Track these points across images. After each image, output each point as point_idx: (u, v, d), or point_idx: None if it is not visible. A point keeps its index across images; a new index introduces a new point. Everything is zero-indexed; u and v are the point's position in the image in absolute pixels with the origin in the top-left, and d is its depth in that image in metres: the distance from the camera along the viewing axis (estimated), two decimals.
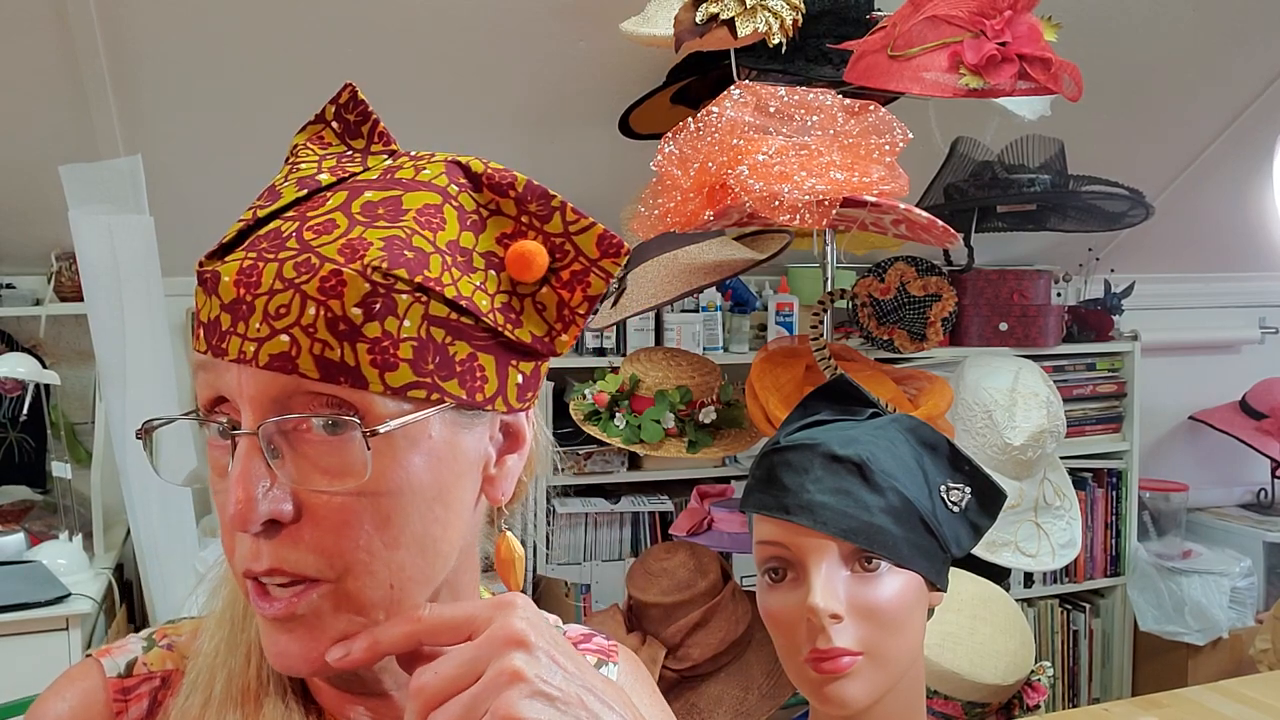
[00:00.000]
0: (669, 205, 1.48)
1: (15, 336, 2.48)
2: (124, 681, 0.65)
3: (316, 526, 0.55)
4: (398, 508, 0.56)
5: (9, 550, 2.15)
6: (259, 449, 0.54)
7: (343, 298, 0.53)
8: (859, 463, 0.98)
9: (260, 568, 0.55)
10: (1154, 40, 2.49)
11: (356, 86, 0.62)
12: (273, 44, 2.08)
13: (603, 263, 0.60)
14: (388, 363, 0.54)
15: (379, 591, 0.57)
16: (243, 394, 0.54)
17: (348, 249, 0.54)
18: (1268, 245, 3.20)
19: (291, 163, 0.61)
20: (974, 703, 1.54)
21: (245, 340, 0.53)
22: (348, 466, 0.54)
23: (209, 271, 0.55)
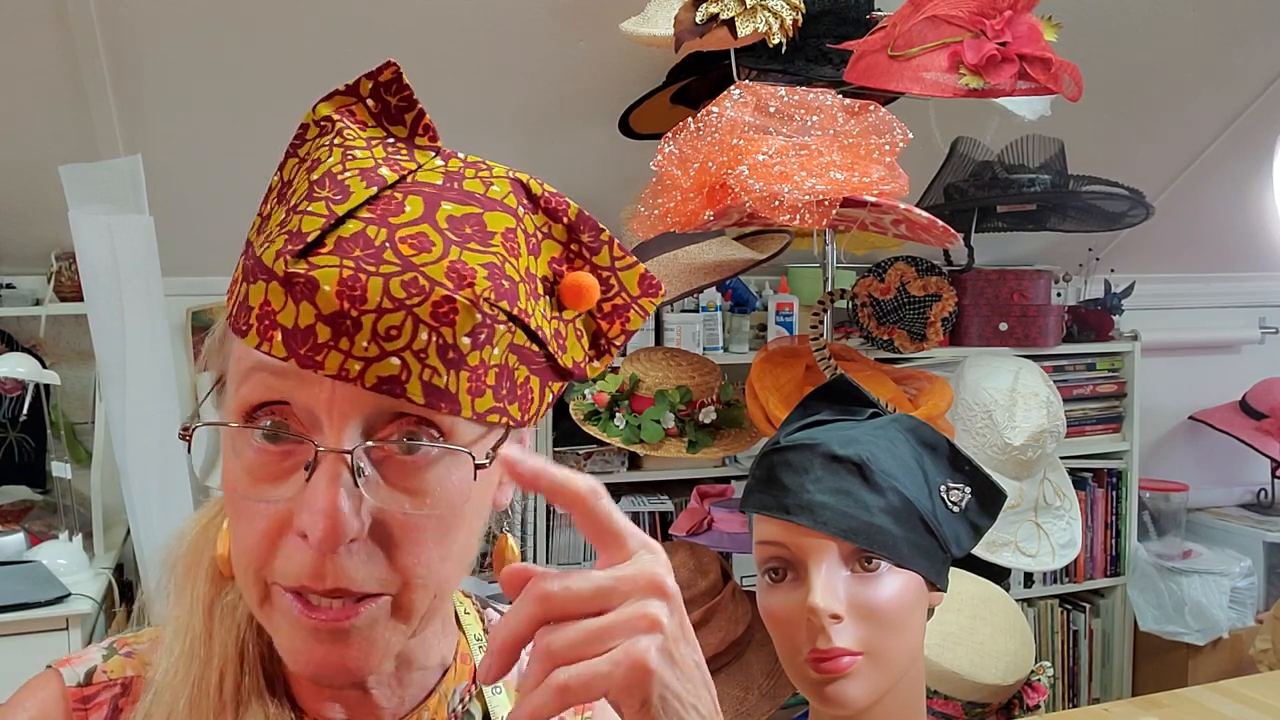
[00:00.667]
0: (669, 205, 1.48)
1: (15, 336, 2.48)
2: (84, 690, 0.65)
3: (385, 542, 0.55)
4: (456, 524, 0.57)
5: (9, 550, 2.15)
6: (348, 468, 0.53)
7: (455, 326, 0.52)
8: (859, 463, 0.98)
9: (323, 586, 0.54)
10: (1154, 40, 2.49)
11: (401, 68, 0.58)
12: (273, 44, 2.08)
13: (642, 300, 0.61)
14: (479, 389, 0.54)
15: (426, 601, 0.57)
16: (334, 410, 0.53)
17: (454, 274, 0.53)
18: (1268, 245, 3.20)
19: (340, 145, 0.56)
20: (974, 703, 1.54)
21: (350, 358, 0.51)
22: (426, 488, 0.55)
23: (301, 275, 0.52)
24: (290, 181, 0.58)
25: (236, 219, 0.61)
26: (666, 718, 0.51)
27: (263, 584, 0.56)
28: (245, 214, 0.59)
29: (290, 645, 0.57)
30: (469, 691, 0.70)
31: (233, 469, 0.57)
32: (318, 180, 0.55)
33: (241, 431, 0.56)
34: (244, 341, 0.54)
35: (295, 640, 0.56)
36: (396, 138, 0.58)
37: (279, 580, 0.55)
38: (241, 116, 2.20)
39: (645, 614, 0.50)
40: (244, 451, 0.56)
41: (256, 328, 0.53)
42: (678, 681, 0.51)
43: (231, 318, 0.56)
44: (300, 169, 0.57)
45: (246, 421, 0.55)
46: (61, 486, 2.24)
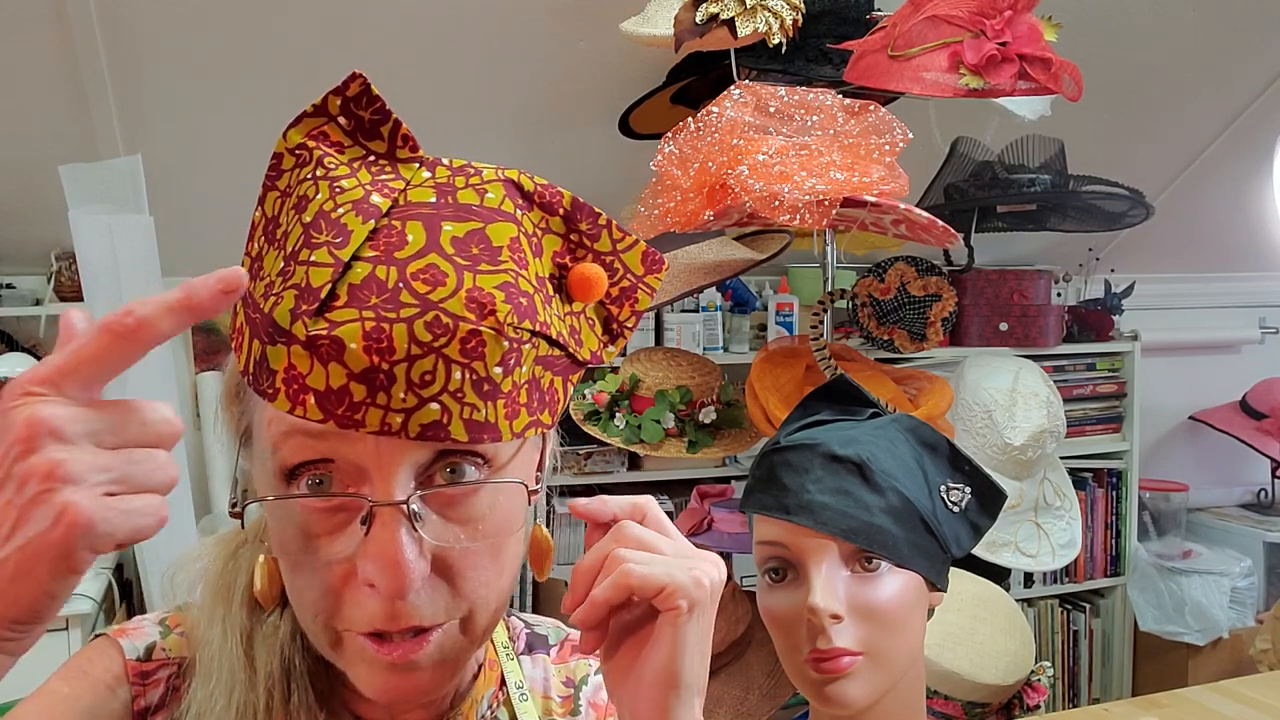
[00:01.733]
0: (669, 205, 1.48)
1: (15, 336, 2.48)
2: (143, 665, 0.65)
3: (448, 574, 0.56)
4: (507, 541, 0.59)
5: None
6: (406, 517, 0.53)
7: (485, 359, 0.52)
8: (859, 463, 0.98)
9: (398, 626, 0.55)
10: (1154, 40, 2.49)
11: (368, 78, 0.56)
12: (273, 44, 2.08)
13: (647, 279, 0.61)
14: (514, 412, 0.55)
15: (490, 618, 0.59)
16: (382, 464, 0.53)
17: (473, 304, 0.52)
18: (1268, 245, 3.20)
19: (324, 177, 0.54)
20: (974, 703, 1.54)
21: (389, 411, 0.51)
22: (475, 516, 0.56)
23: (325, 336, 0.50)
24: (276, 219, 0.56)
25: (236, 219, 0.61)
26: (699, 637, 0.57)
27: (333, 631, 0.57)
28: (245, 214, 0.58)
29: (368, 680, 0.58)
30: (496, 698, 0.71)
31: (284, 530, 0.56)
32: (311, 222, 0.53)
33: (287, 482, 0.55)
34: (274, 405, 0.52)
35: (373, 676, 0.57)
36: (376, 154, 0.56)
37: (351, 627, 0.56)
38: (242, 116, 2.20)
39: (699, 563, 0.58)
40: (293, 512, 0.56)
41: (285, 392, 0.52)
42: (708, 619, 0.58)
43: (251, 377, 0.54)
44: (285, 206, 0.55)
45: (288, 480, 0.55)
46: None
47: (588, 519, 0.60)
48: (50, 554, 0.44)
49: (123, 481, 0.45)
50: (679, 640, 0.57)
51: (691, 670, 0.57)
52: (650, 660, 0.57)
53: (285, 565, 0.58)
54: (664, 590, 0.56)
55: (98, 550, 0.44)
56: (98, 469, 0.44)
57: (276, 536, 0.57)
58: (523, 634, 0.76)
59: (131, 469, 0.46)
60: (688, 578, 0.56)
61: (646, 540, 0.58)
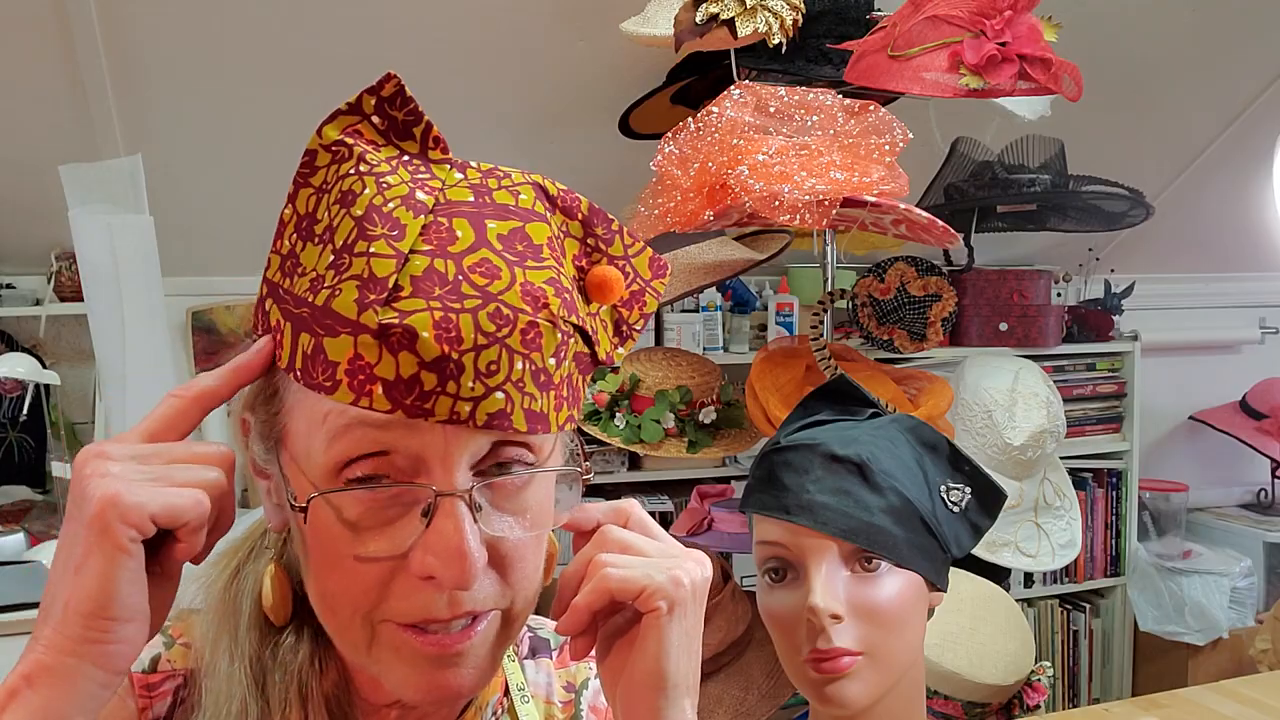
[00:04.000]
0: (669, 205, 1.48)
1: (15, 336, 2.48)
2: (148, 677, 0.65)
3: (498, 563, 0.57)
4: (544, 532, 0.60)
5: (9, 550, 2.15)
6: (469, 507, 0.54)
7: (541, 349, 0.53)
8: (859, 463, 0.98)
9: (455, 613, 0.55)
10: (1154, 40, 2.49)
11: (401, 79, 0.57)
12: (273, 44, 2.08)
13: (654, 283, 0.63)
14: (559, 405, 0.56)
15: (526, 611, 0.60)
16: (449, 454, 0.53)
17: (529, 297, 0.53)
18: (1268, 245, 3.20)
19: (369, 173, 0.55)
20: (974, 703, 1.54)
21: (459, 400, 0.51)
22: (528, 507, 0.57)
23: (396, 325, 0.50)
24: (312, 214, 0.56)
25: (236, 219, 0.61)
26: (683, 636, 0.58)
27: (369, 626, 0.56)
28: (245, 214, 0.58)
29: (405, 678, 0.57)
30: (501, 704, 0.71)
31: (330, 524, 0.55)
32: (364, 215, 0.53)
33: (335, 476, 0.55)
34: (333, 398, 0.52)
35: (411, 672, 0.57)
36: (409, 154, 0.57)
37: (396, 618, 0.56)
38: (242, 116, 2.20)
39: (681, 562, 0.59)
40: (344, 506, 0.55)
41: (348, 383, 0.52)
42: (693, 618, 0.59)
43: (299, 372, 0.54)
44: (325, 201, 0.55)
45: (339, 472, 0.55)
46: (61, 486, 2.24)
47: (572, 529, 0.62)
48: (93, 534, 0.50)
49: (160, 479, 0.52)
50: (662, 640, 0.58)
51: (678, 670, 0.58)
52: (638, 662, 0.58)
53: (323, 565, 0.57)
54: (643, 592, 0.58)
55: (130, 522, 0.50)
56: (135, 469, 0.52)
57: (320, 534, 0.56)
58: (526, 638, 0.76)
59: (170, 469, 0.52)
60: (666, 578, 0.58)
61: (629, 542, 0.60)
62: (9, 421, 2.42)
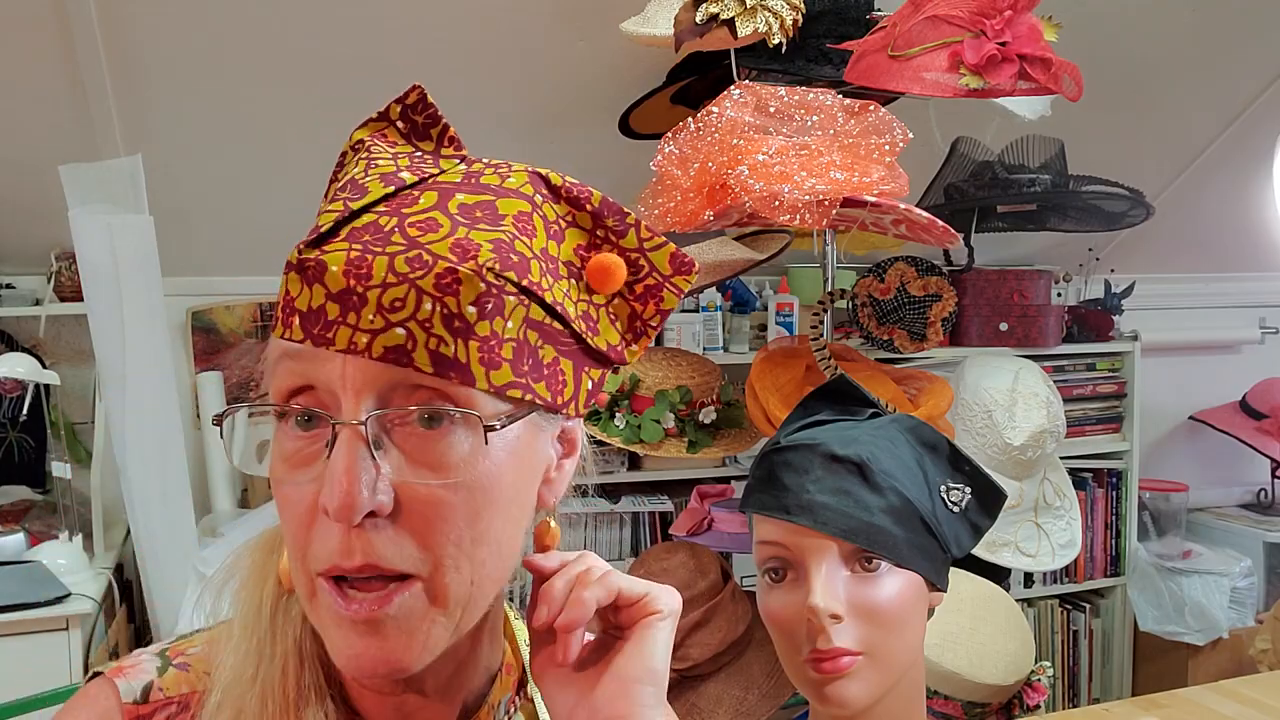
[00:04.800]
0: (669, 205, 1.48)
1: (15, 336, 2.48)
2: (139, 709, 0.63)
3: (413, 520, 0.55)
4: (486, 504, 0.57)
5: (9, 550, 2.15)
6: (364, 440, 0.54)
7: (459, 295, 0.54)
8: (859, 463, 0.98)
9: (352, 564, 0.54)
10: (1154, 40, 2.49)
11: (424, 89, 0.62)
12: (272, 44, 2.08)
13: (675, 279, 0.63)
14: (493, 361, 0.55)
15: (463, 588, 0.57)
16: (347, 385, 0.54)
17: (459, 248, 0.55)
18: (1268, 245, 3.20)
19: (366, 158, 0.60)
20: (974, 703, 1.54)
21: (357, 331, 0.54)
22: (447, 461, 0.55)
23: (311, 260, 0.55)
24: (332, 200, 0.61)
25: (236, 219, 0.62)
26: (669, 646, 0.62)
27: (308, 576, 0.57)
28: (245, 214, 0.59)
29: (333, 642, 0.57)
30: (513, 703, 0.70)
31: (274, 460, 0.58)
32: (341, 186, 0.59)
33: (280, 423, 0.57)
34: (274, 334, 0.57)
35: (337, 636, 0.56)
36: (424, 151, 0.61)
37: (315, 567, 0.56)
38: (242, 116, 2.20)
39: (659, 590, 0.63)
40: (283, 442, 0.57)
41: (281, 319, 0.57)
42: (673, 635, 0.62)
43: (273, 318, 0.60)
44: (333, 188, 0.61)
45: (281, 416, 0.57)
46: (61, 486, 2.24)
47: (533, 569, 0.64)
48: None
49: None
50: (659, 641, 0.61)
51: (663, 670, 0.61)
52: (631, 659, 0.61)
53: (277, 504, 0.58)
54: (647, 595, 0.61)
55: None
56: None
57: (271, 471, 0.58)
58: None
59: None
60: (663, 589, 0.62)
61: (608, 569, 0.63)
62: (9, 421, 2.42)
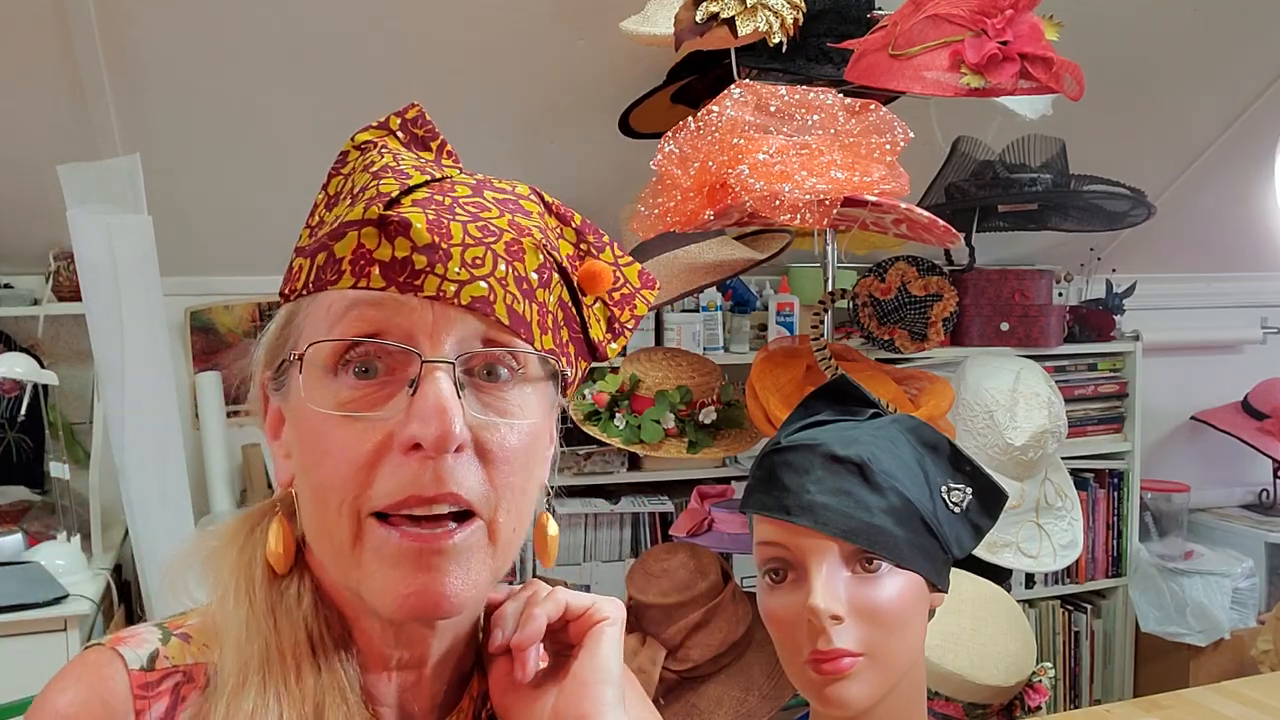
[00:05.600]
0: (669, 205, 1.48)
1: (13, 336, 2.48)
2: (146, 675, 0.62)
3: (484, 459, 0.60)
4: (535, 455, 0.64)
5: (7, 551, 2.14)
6: (453, 378, 0.58)
7: (524, 261, 0.61)
8: (860, 463, 0.98)
9: (436, 491, 0.58)
10: (1155, 40, 2.49)
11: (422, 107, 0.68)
12: (272, 44, 2.08)
13: (643, 291, 0.71)
14: (544, 326, 0.63)
15: (509, 533, 0.62)
16: (436, 329, 0.59)
17: (514, 226, 0.62)
18: (1269, 245, 3.20)
19: (390, 153, 0.64)
20: (975, 704, 1.54)
21: (445, 280, 0.58)
22: (511, 409, 0.61)
23: (394, 217, 0.58)
24: (340, 191, 0.65)
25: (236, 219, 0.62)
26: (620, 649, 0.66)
27: (356, 519, 0.59)
28: (244, 214, 0.59)
29: (383, 583, 0.59)
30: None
31: (321, 404, 0.60)
32: (378, 171, 0.62)
33: (331, 373, 0.60)
34: (337, 287, 0.60)
35: (391, 575, 0.59)
36: (425, 159, 0.67)
37: (380, 503, 0.58)
38: (241, 116, 2.20)
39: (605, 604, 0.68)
40: (338, 390, 0.60)
41: (350, 271, 0.59)
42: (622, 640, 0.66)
43: (311, 285, 0.61)
44: (351, 177, 0.64)
45: (338, 370, 0.60)
46: (59, 487, 2.24)
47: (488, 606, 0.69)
48: None
49: None
50: (610, 644, 0.65)
51: (617, 672, 0.65)
52: (585, 664, 0.65)
53: (316, 454, 0.60)
54: (593, 605, 0.67)
55: None
56: None
57: (310, 417, 0.60)
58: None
59: None
60: (607, 600, 0.67)
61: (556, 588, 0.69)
62: (7, 422, 2.42)
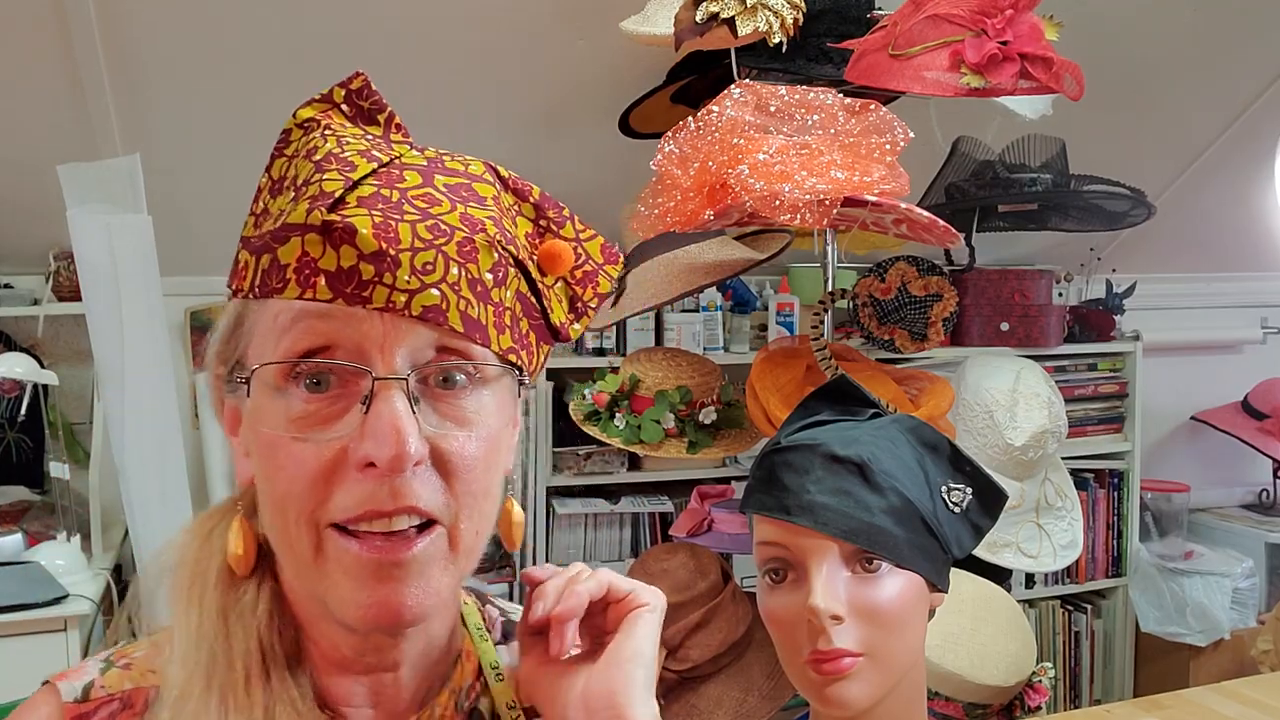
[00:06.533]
0: (669, 205, 1.48)
1: (13, 336, 2.48)
2: (80, 707, 0.64)
3: (443, 470, 0.59)
4: (494, 459, 0.62)
5: (7, 551, 2.14)
6: (407, 394, 0.56)
7: (478, 262, 0.58)
8: (860, 463, 0.98)
9: (394, 506, 0.56)
10: (1155, 40, 2.49)
11: (368, 76, 0.64)
12: (272, 44, 2.08)
13: (606, 268, 0.68)
14: (501, 326, 0.60)
15: (471, 538, 0.61)
16: (385, 343, 0.57)
17: (467, 221, 0.58)
18: (1269, 245, 3.20)
19: (335, 135, 0.61)
20: (975, 704, 1.54)
21: (395, 290, 0.56)
22: (468, 416, 0.60)
23: (339, 222, 0.55)
24: (284, 176, 0.61)
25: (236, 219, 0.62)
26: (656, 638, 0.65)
27: (315, 530, 0.58)
28: (243, 214, 0.59)
29: (348, 593, 0.58)
30: (474, 688, 0.71)
31: (274, 421, 0.58)
32: (322, 159, 0.59)
33: (285, 383, 0.58)
34: (283, 297, 0.57)
35: (352, 586, 0.58)
36: (373, 135, 0.63)
37: (338, 517, 0.57)
38: (240, 116, 2.20)
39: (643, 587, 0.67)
40: (290, 404, 0.58)
41: (296, 280, 0.56)
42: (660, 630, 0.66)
43: (258, 289, 0.58)
44: (294, 161, 0.61)
45: (289, 380, 0.58)
46: (59, 487, 2.24)
47: (530, 580, 0.69)
48: None
49: None
50: (649, 629, 0.65)
51: (652, 657, 0.65)
52: (621, 645, 0.65)
53: (272, 466, 0.59)
54: (634, 590, 0.66)
55: None
56: None
57: (264, 433, 0.59)
58: (498, 622, 0.78)
59: None
60: (650, 588, 0.67)
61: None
62: (7, 422, 2.42)
